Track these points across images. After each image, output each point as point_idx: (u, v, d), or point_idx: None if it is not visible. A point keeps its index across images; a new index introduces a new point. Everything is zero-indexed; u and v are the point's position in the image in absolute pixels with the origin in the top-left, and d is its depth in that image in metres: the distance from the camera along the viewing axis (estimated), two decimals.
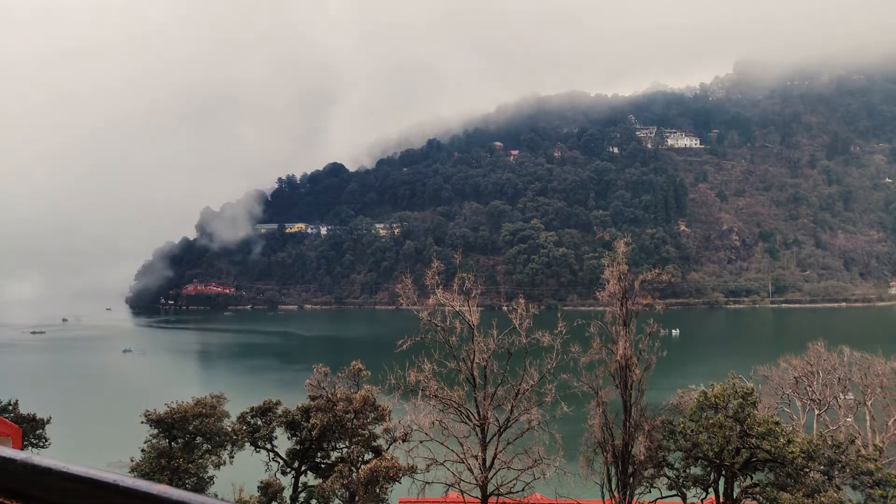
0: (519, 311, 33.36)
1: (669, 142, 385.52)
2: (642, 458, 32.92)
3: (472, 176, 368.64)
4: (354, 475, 35.64)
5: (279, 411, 40.94)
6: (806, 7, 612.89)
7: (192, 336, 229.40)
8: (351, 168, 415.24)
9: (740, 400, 31.70)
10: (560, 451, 32.46)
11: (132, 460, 36.85)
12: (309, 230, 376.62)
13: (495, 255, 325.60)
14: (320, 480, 39.61)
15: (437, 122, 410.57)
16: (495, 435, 32.33)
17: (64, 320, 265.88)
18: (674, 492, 35.38)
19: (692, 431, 32.71)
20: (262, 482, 37.79)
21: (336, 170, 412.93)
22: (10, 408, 41.50)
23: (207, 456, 37.81)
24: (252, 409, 41.04)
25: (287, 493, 39.27)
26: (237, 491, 37.34)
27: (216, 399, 39.63)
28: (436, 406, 32.80)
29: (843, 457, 30.80)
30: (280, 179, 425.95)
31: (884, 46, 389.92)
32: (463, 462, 32.08)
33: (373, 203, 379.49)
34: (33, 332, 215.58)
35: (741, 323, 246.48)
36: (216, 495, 5.64)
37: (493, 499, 31.88)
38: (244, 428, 39.85)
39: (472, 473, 31.70)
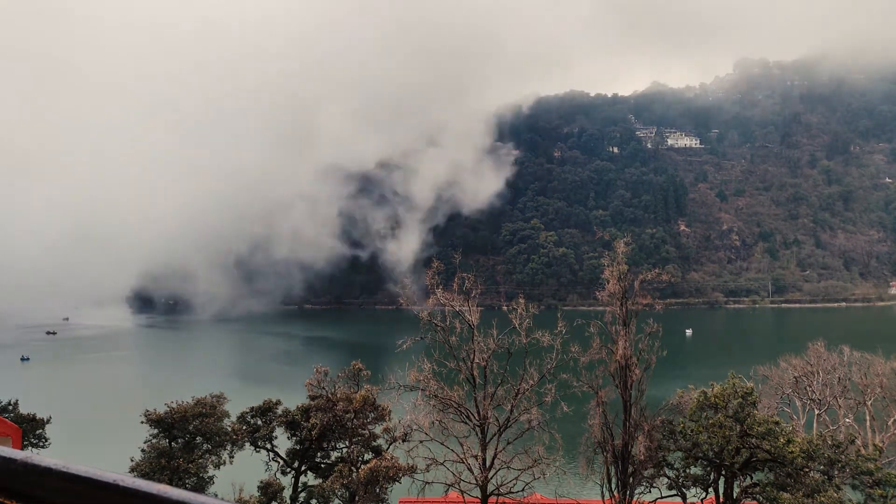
0: (519, 311, 33.37)
1: (669, 142, 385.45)
2: (642, 458, 32.93)
3: None
4: (354, 475, 35.63)
5: (279, 411, 40.95)
6: (806, 7, 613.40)
7: (180, 336, 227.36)
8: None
9: (740, 400, 31.71)
10: (560, 451, 32.48)
11: (132, 460, 36.83)
12: None
13: (495, 255, 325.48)
14: (320, 480, 39.63)
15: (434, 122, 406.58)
16: (495, 435, 32.34)
17: (65, 319, 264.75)
18: (674, 492, 35.39)
19: (692, 431, 32.70)
20: (262, 482, 37.81)
21: None
22: (10, 408, 41.53)
23: (207, 456, 37.83)
24: (252, 409, 41.05)
25: (287, 493, 39.27)
26: (237, 491, 37.35)
27: (216, 399, 39.66)
28: (436, 406, 32.81)
29: (843, 457, 30.80)
30: None
31: (884, 46, 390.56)
32: (463, 462, 32.08)
33: None
34: (47, 333, 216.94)
35: (747, 323, 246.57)
36: (216, 495, 5.61)
37: (493, 499, 31.88)
38: (244, 428, 39.85)
39: (472, 473, 31.71)
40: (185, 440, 37.76)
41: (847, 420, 48.92)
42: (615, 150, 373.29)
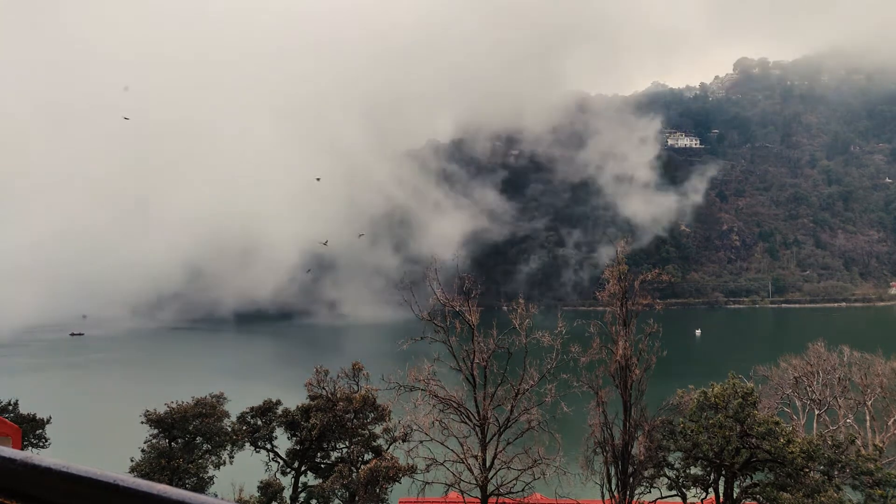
0: (519, 311, 33.35)
1: (669, 142, 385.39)
2: (642, 458, 32.94)
3: None
4: (354, 475, 35.63)
5: (279, 411, 40.94)
6: (806, 7, 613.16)
7: (174, 338, 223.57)
8: None
9: (740, 400, 31.70)
10: (560, 451, 32.45)
11: (132, 460, 36.83)
12: None
13: (496, 256, 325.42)
14: (320, 480, 39.62)
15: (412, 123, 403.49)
16: (495, 435, 32.32)
17: (84, 316, 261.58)
18: (674, 492, 35.38)
19: (692, 431, 32.69)
20: (262, 482, 37.80)
21: None
22: (10, 408, 41.51)
23: (207, 456, 37.83)
24: (252, 409, 41.05)
25: (287, 493, 39.27)
26: (237, 491, 37.33)
27: (216, 399, 39.66)
28: (436, 406, 32.80)
29: (843, 457, 30.78)
30: None
31: (884, 46, 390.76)
32: (463, 462, 32.07)
33: None
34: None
35: (755, 323, 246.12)
36: (216, 495, 5.60)
37: (493, 499, 31.87)
38: (244, 428, 39.85)
39: (472, 473, 31.70)
40: (185, 440, 37.75)
41: (847, 420, 48.90)
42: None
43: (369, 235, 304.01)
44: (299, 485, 40.57)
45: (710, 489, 34.49)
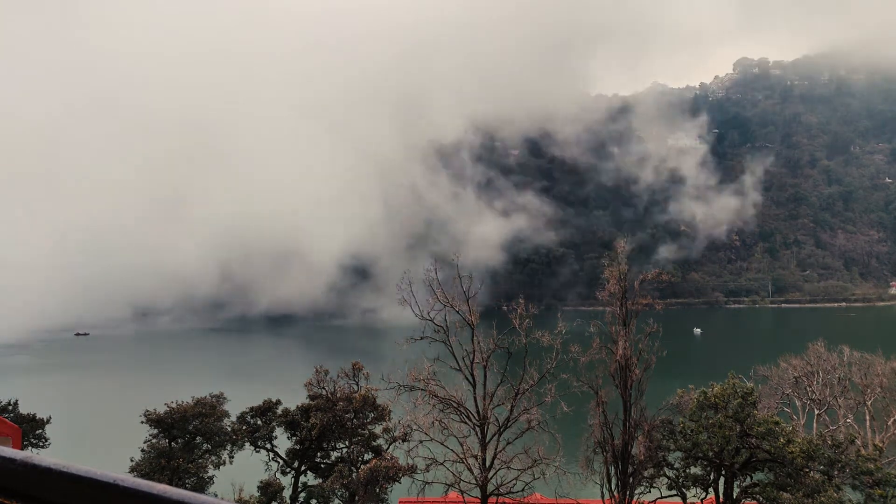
0: (519, 311, 33.35)
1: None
2: (642, 457, 32.93)
3: None
4: (354, 475, 35.63)
5: (279, 411, 40.96)
6: (807, 7, 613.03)
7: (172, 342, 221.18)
8: None
9: (740, 400, 31.70)
10: (560, 451, 32.46)
11: (132, 460, 36.83)
12: None
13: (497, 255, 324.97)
14: (320, 480, 39.64)
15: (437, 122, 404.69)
16: (495, 435, 32.32)
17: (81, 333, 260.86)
18: (674, 492, 35.37)
19: (692, 431, 32.69)
20: (262, 482, 37.81)
21: None
22: (10, 408, 41.51)
23: (207, 456, 37.83)
24: (252, 409, 41.06)
25: (287, 493, 39.28)
26: (237, 491, 37.34)
27: (216, 399, 39.68)
28: (436, 406, 32.79)
29: (843, 457, 30.75)
30: None
31: (884, 46, 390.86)
32: (463, 462, 32.07)
33: None
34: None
35: (755, 322, 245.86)
36: (216, 495, 5.59)
37: (493, 499, 31.87)
38: (244, 428, 39.86)
39: (472, 473, 31.69)
40: (184, 440, 37.76)
41: (847, 420, 48.88)
42: (616, 149, 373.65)
43: (406, 240, 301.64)
44: (299, 485, 40.58)
45: (710, 489, 34.49)
